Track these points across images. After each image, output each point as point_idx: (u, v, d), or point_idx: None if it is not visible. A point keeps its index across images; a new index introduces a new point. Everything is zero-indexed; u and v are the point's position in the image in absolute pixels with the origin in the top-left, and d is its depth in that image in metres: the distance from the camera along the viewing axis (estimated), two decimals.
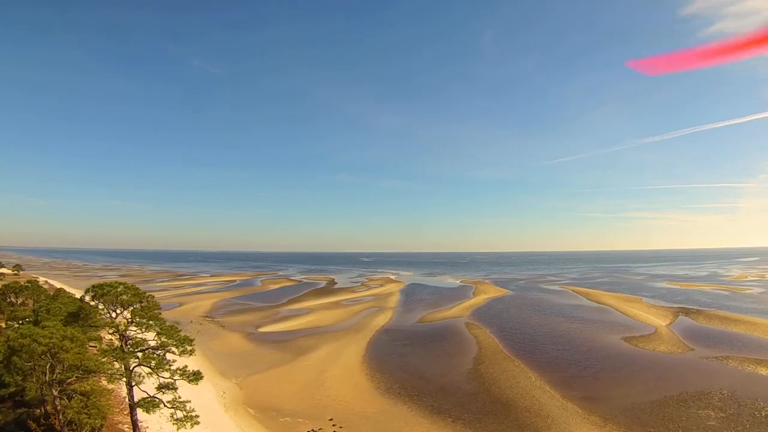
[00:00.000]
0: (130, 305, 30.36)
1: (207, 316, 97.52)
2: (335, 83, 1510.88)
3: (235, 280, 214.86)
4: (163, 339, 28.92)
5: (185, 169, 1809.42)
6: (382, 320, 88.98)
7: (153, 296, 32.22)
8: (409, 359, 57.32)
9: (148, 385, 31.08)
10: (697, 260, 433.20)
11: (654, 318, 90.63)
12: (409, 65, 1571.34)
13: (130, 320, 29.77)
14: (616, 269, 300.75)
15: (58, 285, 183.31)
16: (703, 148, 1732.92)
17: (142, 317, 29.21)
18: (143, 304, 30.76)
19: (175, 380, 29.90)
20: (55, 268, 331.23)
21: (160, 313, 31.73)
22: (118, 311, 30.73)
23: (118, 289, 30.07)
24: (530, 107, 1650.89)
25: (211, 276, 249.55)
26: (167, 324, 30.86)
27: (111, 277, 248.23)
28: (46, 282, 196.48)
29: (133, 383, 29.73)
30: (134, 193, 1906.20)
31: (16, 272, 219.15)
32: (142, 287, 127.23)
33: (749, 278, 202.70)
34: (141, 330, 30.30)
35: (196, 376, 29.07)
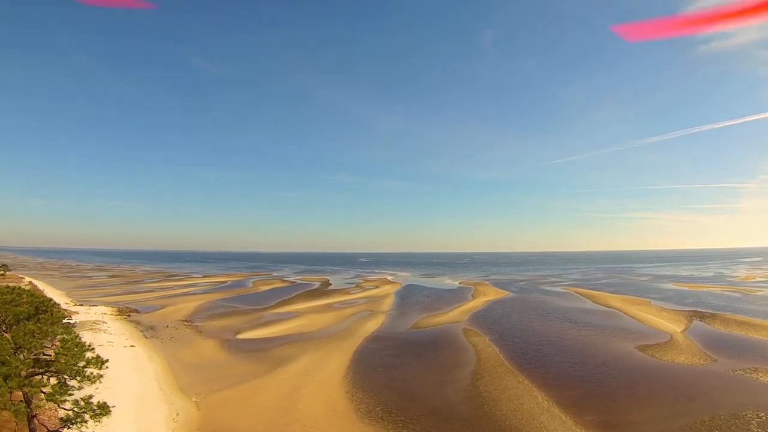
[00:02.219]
0: (25, 317, 23.56)
1: (186, 320, 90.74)
2: (336, 85, 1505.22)
3: (226, 281, 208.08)
4: (63, 360, 22.15)
5: (185, 170, 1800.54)
6: (373, 326, 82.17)
7: (58, 305, 25.48)
8: (397, 373, 50.51)
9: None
10: (700, 260, 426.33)
11: (667, 323, 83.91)
12: (411, 67, 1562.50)
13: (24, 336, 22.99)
14: (619, 270, 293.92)
15: (42, 286, 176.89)
16: (703, 149, 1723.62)
17: (37, 333, 22.41)
18: (46, 315, 23.95)
19: (82, 413, 23.14)
20: (48, 268, 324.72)
21: (70, 328, 24.98)
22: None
23: (9, 297, 23.32)
24: (530, 109, 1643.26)
25: (204, 276, 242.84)
26: (75, 340, 24.13)
27: (100, 277, 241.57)
28: (30, 283, 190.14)
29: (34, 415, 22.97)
30: (134, 193, 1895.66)
31: (2, 273, 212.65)
32: (130, 288, 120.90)
33: (757, 279, 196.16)
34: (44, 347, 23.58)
35: (102, 410, 22.32)
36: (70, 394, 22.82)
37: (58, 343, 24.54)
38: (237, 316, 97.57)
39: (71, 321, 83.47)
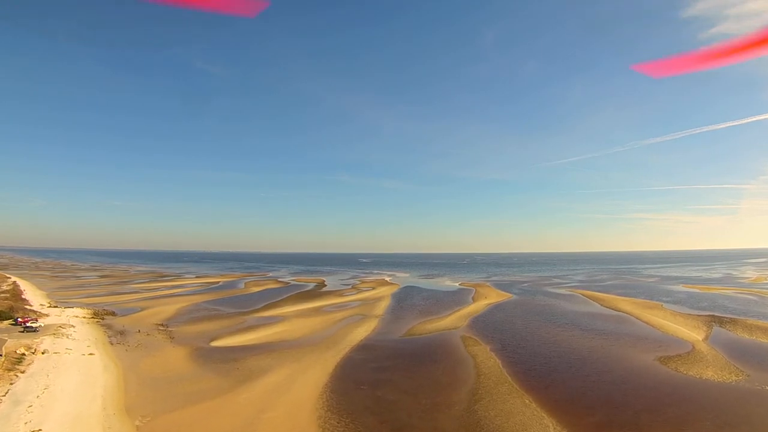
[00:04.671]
0: None
1: (161, 325, 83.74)
2: (341, 89, 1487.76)
3: (218, 282, 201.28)
4: None
5: (188, 172, 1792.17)
6: (362, 332, 74.92)
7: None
8: (383, 392, 43.11)
9: None
10: (704, 261, 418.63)
11: (685, 330, 76.62)
12: (417, 72, 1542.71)
13: None
14: (623, 270, 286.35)
15: (25, 286, 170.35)
16: (705, 150, 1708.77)
17: None
18: None
19: None
20: (41, 267, 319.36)
21: None
22: None
23: None
24: (533, 111, 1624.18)
25: (196, 277, 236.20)
26: None
27: (90, 277, 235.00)
28: (14, 283, 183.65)
29: None
30: (137, 194, 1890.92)
31: None
32: (116, 289, 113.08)
33: None
34: None
35: None
36: None
37: None
38: (218, 320, 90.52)
39: (35, 325, 76.81)
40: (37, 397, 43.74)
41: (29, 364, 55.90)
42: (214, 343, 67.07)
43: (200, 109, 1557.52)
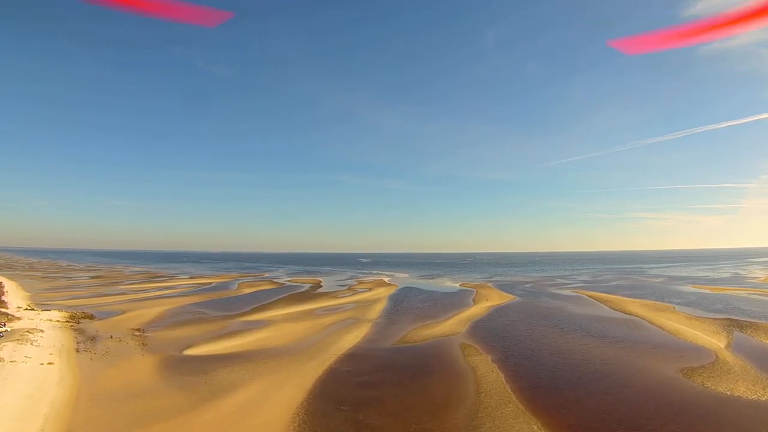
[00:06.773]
0: None
1: (138, 329, 77.89)
2: (342, 89, 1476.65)
3: (210, 283, 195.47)
4: None
5: (190, 172, 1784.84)
6: (352, 339, 68.77)
7: None
8: (366, 415, 36.88)
9: None
10: (708, 261, 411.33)
11: (703, 335, 70.43)
12: (418, 71, 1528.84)
13: None
14: (628, 270, 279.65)
15: (10, 286, 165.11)
16: (706, 149, 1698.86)
17: None
18: None
19: None
20: (35, 268, 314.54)
21: None
22: None
23: None
24: (535, 110, 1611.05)
25: (190, 278, 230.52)
26: None
27: (81, 278, 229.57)
28: (0, 282, 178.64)
29: None
30: (138, 194, 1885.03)
31: None
32: (103, 290, 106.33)
33: None
34: None
35: None
36: None
37: None
38: (200, 324, 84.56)
39: (0, 329, 71.11)
40: None
41: None
42: (188, 352, 61.06)
43: (201, 109, 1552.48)
